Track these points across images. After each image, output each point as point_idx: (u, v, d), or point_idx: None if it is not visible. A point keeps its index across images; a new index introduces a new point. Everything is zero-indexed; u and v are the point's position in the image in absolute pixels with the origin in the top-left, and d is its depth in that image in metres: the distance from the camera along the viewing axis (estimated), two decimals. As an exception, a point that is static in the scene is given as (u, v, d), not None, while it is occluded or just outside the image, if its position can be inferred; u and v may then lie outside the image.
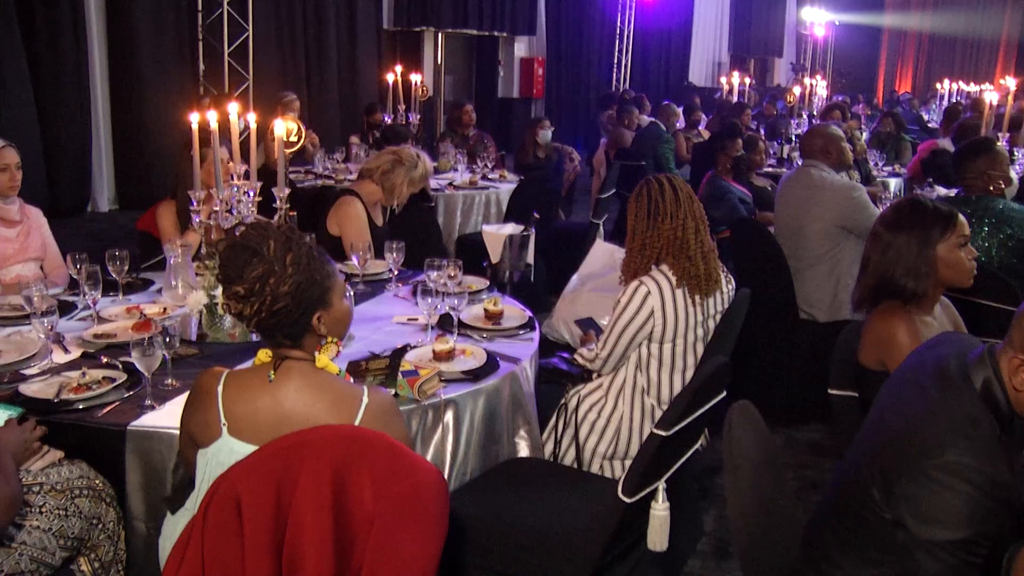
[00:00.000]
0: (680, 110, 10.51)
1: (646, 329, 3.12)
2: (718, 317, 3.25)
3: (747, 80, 14.90)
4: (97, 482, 2.41)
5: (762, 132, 9.34)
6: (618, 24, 17.94)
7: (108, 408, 2.54)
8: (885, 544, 1.92)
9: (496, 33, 16.32)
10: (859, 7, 25.11)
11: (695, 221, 3.16)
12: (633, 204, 3.24)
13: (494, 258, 4.13)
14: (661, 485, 2.56)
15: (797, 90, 10.94)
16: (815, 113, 10.50)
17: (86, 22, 9.82)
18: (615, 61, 18.20)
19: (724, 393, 2.67)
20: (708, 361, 2.66)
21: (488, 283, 3.88)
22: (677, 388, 3.19)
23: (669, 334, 3.13)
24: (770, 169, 8.10)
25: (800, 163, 4.89)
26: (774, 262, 4.52)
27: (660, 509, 2.58)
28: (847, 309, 4.31)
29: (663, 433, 2.35)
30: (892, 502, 1.87)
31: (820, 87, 12.07)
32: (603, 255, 4.63)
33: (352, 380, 2.27)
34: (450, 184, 7.04)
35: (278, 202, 3.08)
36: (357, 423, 1.99)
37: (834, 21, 24.92)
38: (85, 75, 9.86)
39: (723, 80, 15.61)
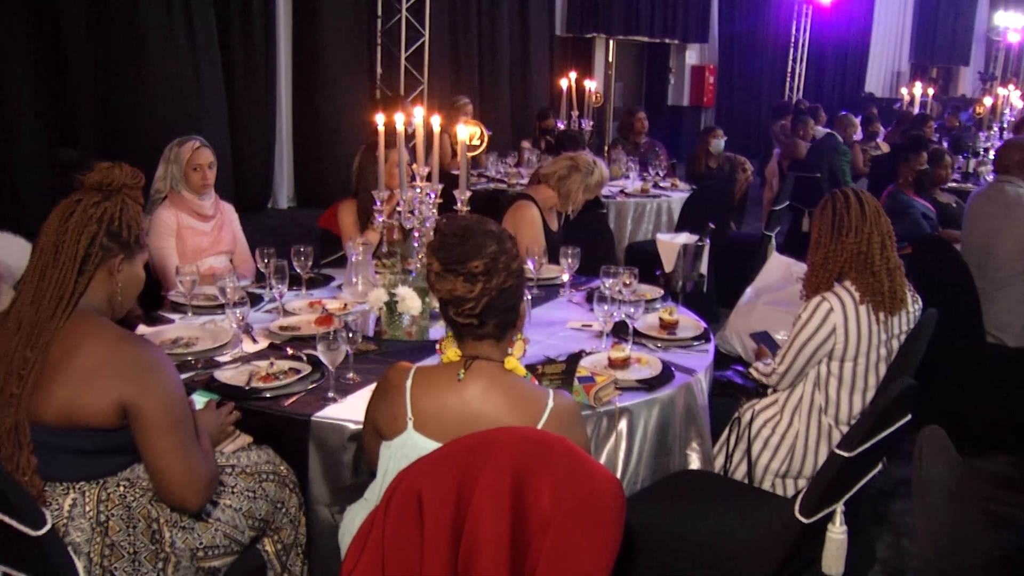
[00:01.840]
0: (858, 121, 10.15)
1: (827, 346, 3.03)
2: (903, 337, 3.12)
3: (929, 90, 14.23)
4: (282, 468, 2.51)
5: (945, 145, 8.92)
6: (793, 32, 17.48)
7: (294, 398, 2.64)
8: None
9: (668, 40, 16.19)
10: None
11: (881, 236, 3.05)
12: (817, 218, 3.15)
13: (667, 267, 4.08)
14: (839, 507, 2.48)
15: (988, 101, 10.37)
16: (1006, 126, 9.95)
17: (276, 32, 10.32)
18: (789, 70, 17.74)
19: (909, 416, 2.56)
20: (895, 382, 2.55)
21: (662, 292, 3.85)
22: (857, 408, 3.08)
23: (851, 352, 3.02)
24: (954, 184, 7.72)
25: (992, 178, 4.64)
26: (960, 282, 4.31)
27: (837, 532, 2.50)
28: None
29: (846, 454, 2.28)
30: None
31: (1014, 97, 11.39)
32: (779, 268, 4.52)
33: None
34: (621, 191, 7.01)
35: (459, 204, 3.13)
36: (540, 426, 1.99)
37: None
38: (272, 80, 10.37)
39: (903, 90, 14.98)
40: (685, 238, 4.26)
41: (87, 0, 8.54)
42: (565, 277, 3.83)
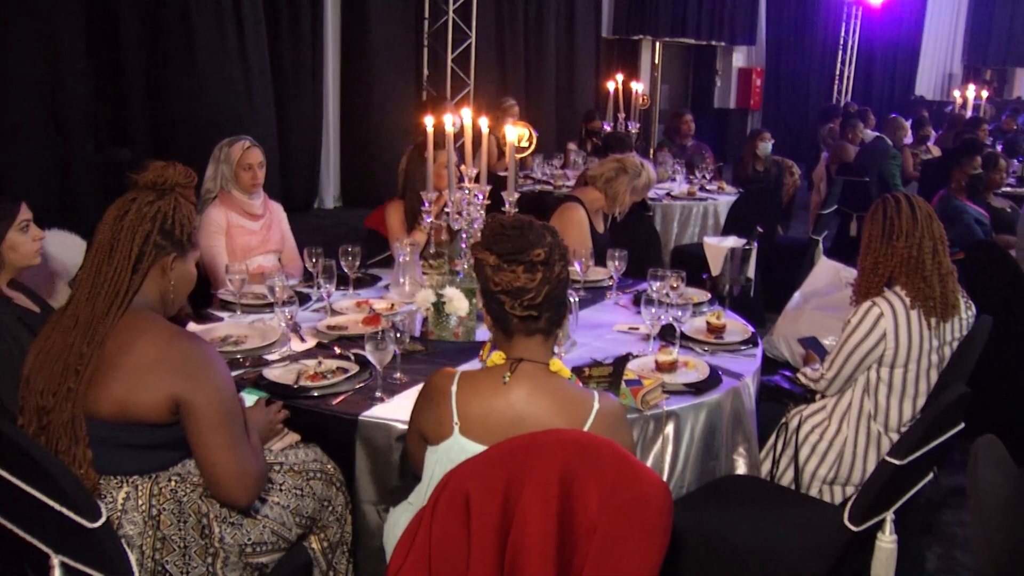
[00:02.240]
0: (908, 124, 10.02)
1: (876, 352, 2.99)
2: (955, 344, 3.07)
3: (983, 93, 13.98)
4: (329, 467, 2.53)
5: (999, 149, 8.77)
6: (842, 34, 17.28)
7: (341, 397, 2.66)
8: None
9: (714, 42, 16.10)
10: None
11: (933, 241, 3.01)
12: (868, 222, 3.12)
13: (714, 271, 4.05)
14: (889, 516, 2.45)
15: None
16: (1064, 129, 9.76)
17: (324, 33, 10.41)
18: (837, 72, 17.52)
19: (962, 425, 2.52)
20: (948, 389, 2.51)
21: (709, 296, 3.82)
22: (907, 415, 3.03)
23: (901, 359, 2.98)
24: (1009, 189, 7.58)
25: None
26: (1014, 288, 4.24)
27: (887, 541, 2.47)
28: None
29: (897, 462, 2.25)
30: None
31: (1075, 98, 11.14)
32: (828, 273, 4.47)
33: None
34: (668, 194, 6.98)
35: (506, 205, 3.14)
36: (587, 429, 1.99)
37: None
38: (320, 81, 10.46)
39: (955, 93, 14.75)
40: (732, 241, 4.23)
41: (142, 3, 8.68)
42: (612, 279, 3.82)
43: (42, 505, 1.85)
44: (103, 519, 1.87)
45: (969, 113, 12.48)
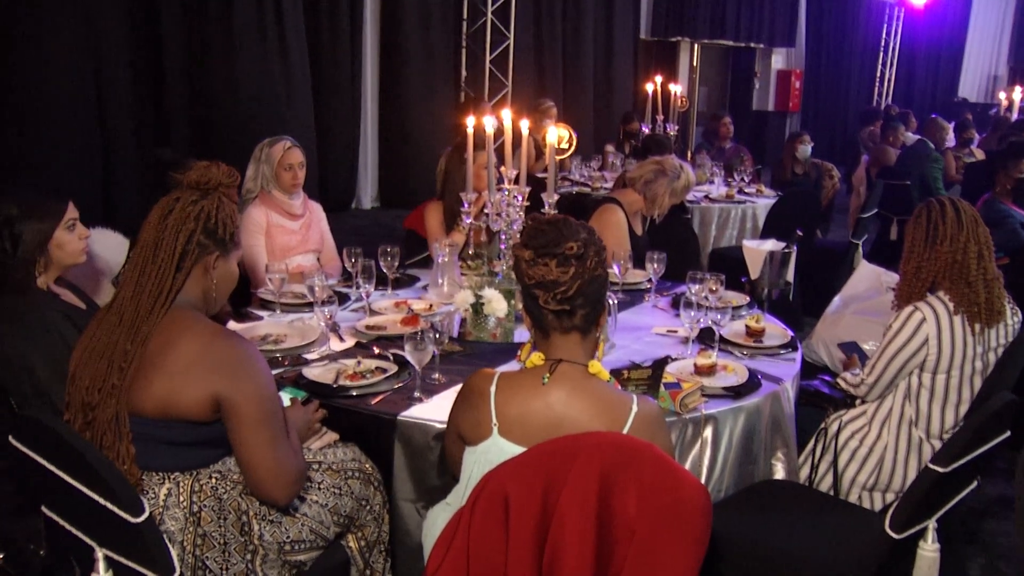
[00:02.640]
0: (951, 127, 9.89)
1: (918, 357, 2.96)
2: (1000, 350, 3.03)
3: (1030, 94, 13.74)
4: (367, 466, 2.54)
5: (1046, 153, 8.62)
6: (883, 36, 17.10)
7: (380, 397, 2.67)
8: None
9: (753, 44, 16.00)
10: None
11: (978, 246, 2.97)
12: (911, 226, 3.08)
13: (753, 274, 4.03)
14: (932, 524, 2.41)
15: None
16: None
17: (363, 34, 10.47)
18: (878, 74, 17.34)
19: (1008, 433, 2.49)
20: (993, 397, 2.47)
21: (748, 299, 3.80)
22: (949, 422, 3.00)
23: (944, 364, 2.95)
24: (1055, 194, 7.46)
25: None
26: (1061, 295, 4.17)
27: (929, 550, 2.44)
28: None
29: (941, 469, 2.22)
30: None
31: None
32: (868, 277, 4.44)
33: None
34: (706, 196, 6.96)
35: (546, 207, 3.13)
36: (625, 431, 1.98)
37: None
38: (358, 82, 10.52)
39: (1000, 95, 14.52)
40: (772, 245, 4.20)
41: (184, 3, 8.78)
42: (650, 282, 3.81)
43: (88, 500, 1.87)
44: (146, 514, 1.89)
45: (1015, 116, 12.28)
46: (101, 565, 1.99)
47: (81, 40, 8.08)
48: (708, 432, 2.65)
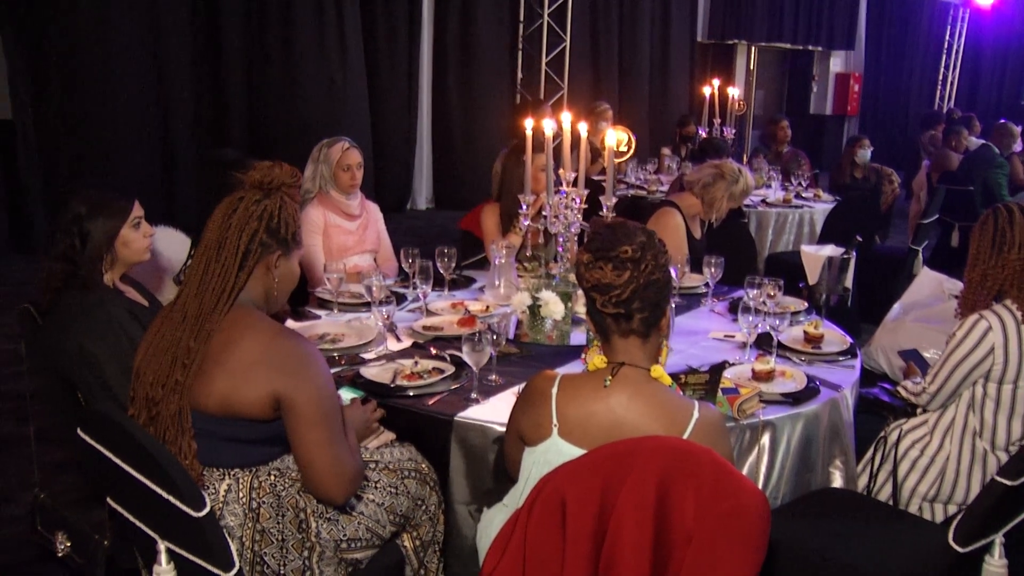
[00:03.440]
0: (1019, 131, 9.67)
1: (983, 367, 2.90)
2: (1071, 362, 2.96)
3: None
4: (423, 466, 2.55)
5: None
6: (947, 38, 16.78)
7: (437, 397, 2.68)
8: None
9: (811, 47, 15.83)
10: None
11: (1049, 254, 2.91)
12: (977, 233, 3.02)
13: (811, 279, 3.99)
14: (999, 539, 2.36)
15: None
16: None
17: (419, 36, 10.53)
18: (940, 77, 17.02)
19: (1078, 447, 2.43)
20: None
21: (806, 305, 3.76)
22: (1016, 434, 2.93)
23: (1011, 374, 2.88)
24: (1126, 200, 7.30)
25: None
26: None
27: (996, 565, 2.38)
28: None
29: (1008, 483, 2.17)
30: None
31: None
32: (930, 284, 4.36)
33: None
34: (763, 201, 6.90)
35: (604, 210, 3.13)
36: (686, 437, 1.97)
37: None
38: (414, 83, 10.59)
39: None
40: (831, 250, 4.15)
41: (244, 4, 8.91)
42: (707, 286, 3.78)
43: (151, 493, 1.90)
44: (207, 509, 1.91)
45: (1086, 120, 12.00)
46: (163, 557, 2.02)
47: (143, 44, 8.28)
48: (766, 438, 2.63)
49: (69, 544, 2.61)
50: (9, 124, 7.74)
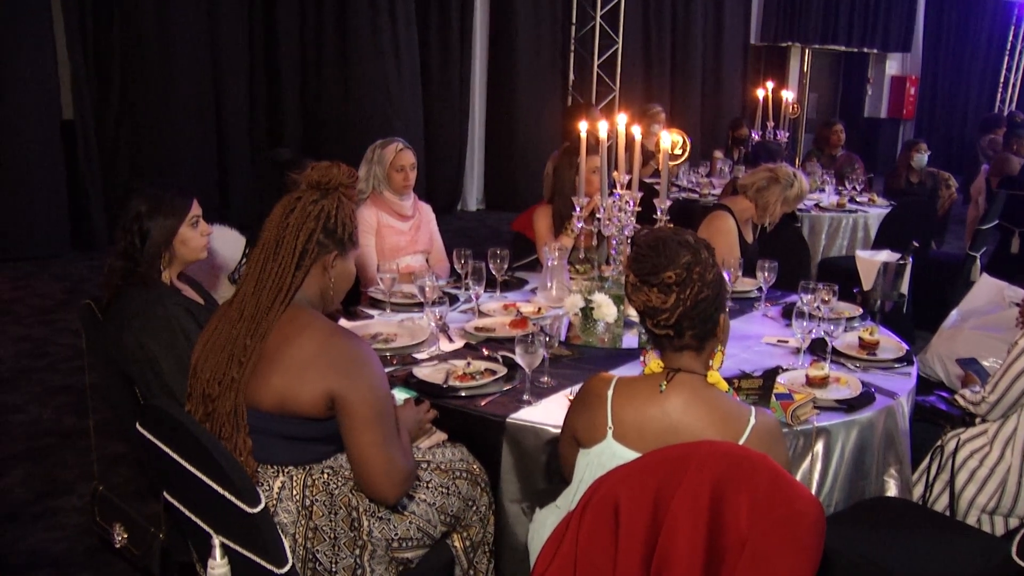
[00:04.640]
0: (1086, 134, 9.45)
1: (1046, 378, 2.84)
2: None
3: None
4: (475, 467, 2.55)
5: None
6: (1009, 39, 16.43)
7: (489, 398, 2.68)
8: None
9: (866, 50, 15.62)
10: None
11: (1113, 262, 2.84)
12: (1040, 239, 2.97)
13: (866, 285, 3.93)
14: (1065, 553, 2.31)
15: None
16: None
17: (472, 38, 10.57)
18: (1001, 80, 16.68)
19: None
20: None
21: (861, 311, 3.71)
22: (1079, 446, 2.87)
23: (1075, 385, 2.83)
24: None
25: None
26: None
27: (1060, 579, 2.33)
28: None
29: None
30: None
31: None
32: (989, 291, 4.28)
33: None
34: (817, 205, 6.81)
35: (659, 213, 3.11)
36: (742, 443, 1.96)
37: None
38: (467, 85, 10.64)
39: None
40: (886, 256, 4.09)
41: (301, 6, 9.01)
42: (760, 291, 3.75)
43: (207, 488, 1.92)
44: (262, 505, 1.93)
45: None
46: (217, 551, 2.04)
47: (202, 46, 8.41)
48: (819, 445, 2.60)
49: (126, 536, 2.65)
50: (71, 124, 7.90)
